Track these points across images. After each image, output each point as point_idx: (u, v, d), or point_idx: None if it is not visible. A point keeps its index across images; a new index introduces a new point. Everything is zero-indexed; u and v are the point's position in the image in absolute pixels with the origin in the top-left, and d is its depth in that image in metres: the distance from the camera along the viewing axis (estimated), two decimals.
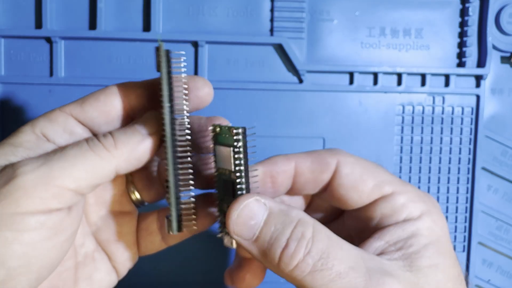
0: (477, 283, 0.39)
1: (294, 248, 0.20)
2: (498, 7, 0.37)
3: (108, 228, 0.26)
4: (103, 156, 0.21)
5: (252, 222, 0.21)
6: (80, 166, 0.21)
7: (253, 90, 0.37)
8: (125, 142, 0.22)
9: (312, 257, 0.20)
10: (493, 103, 0.39)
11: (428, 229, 0.22)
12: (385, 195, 0.23)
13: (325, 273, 0.19)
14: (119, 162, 0.22)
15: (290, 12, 0.37)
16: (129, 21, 0.36)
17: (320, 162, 0.24)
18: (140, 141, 0.22)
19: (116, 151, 0.22)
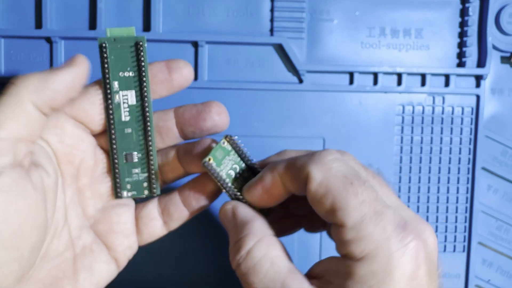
0: (477, 283, 0.39)
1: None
2: (498, 7, 0.37)
3: (106, 220, 0.27)
4: (12, 93, 0.22)
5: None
6: (1, 111, 0.21)
7: (253, 90, 0.37)
8: (36, 75, 0.22)
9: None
10: (493, 103, 0.39)
11: (365, 276, 0.21)
12: (336, 223, 0.22)
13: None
14: (29, 94, 0.22)
15: (290, 12, 0.37)
16: (129, 21, 0.36)
17: (295, 171, 0.25)
18: (53, 73, 0.23)
19: (21, 82, 0.22)
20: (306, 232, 0.30)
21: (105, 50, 0.26)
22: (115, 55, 0.26)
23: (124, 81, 0.26)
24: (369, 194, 0.22)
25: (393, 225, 0.21)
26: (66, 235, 0.25)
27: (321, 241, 0.38)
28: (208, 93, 0.37)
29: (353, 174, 0.23)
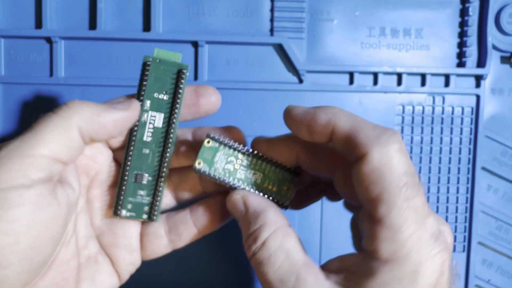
0: (477, 283, 0.39)
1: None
2: (498, 7, 0.37)
3: (112, 233, 0.26)
4: (64, 116, 0.22)
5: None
6: (46, 130, 0.22)
7: (253, 90, 0.37)
8: (90, 106, 0.23)
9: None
10: (493, 103, 0.39)
11: (389, 280, 0.21)
12: (376, 218, 0.22)
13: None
14: (79, 121, 0.22)
15: (290, 12, 0.37)
16: (129, 21, 0.36)
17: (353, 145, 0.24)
18: (106, 109, 0.24)
19: (75, 108, 0.23)
20: (328, 200, 0.29)
21: (147, 68, 0.26)
22: (155, 76, 0.26)
23: (157, 102, 0.26)
24: (419, 200, 0.21)
25: (429, 234, 0.21)
26: (74, 244, 0.25)
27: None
28: None
29: (411, 173, 0.21)
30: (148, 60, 0.26)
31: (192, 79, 0.37)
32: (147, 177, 0.26)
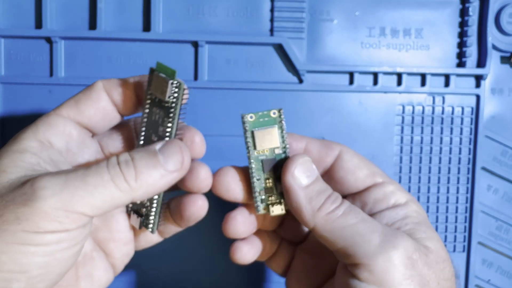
0: (477, 283, 0.39)
1: (333, 199, 0.25)
2: (498, 7, 0.37)
3: (106, 227, 0.27)
4: (122, 189, 0.22)
5: (308, 173, 0.25)
6: (99, 197, 0.21)
7: (253, 90, 0.37)
8: (146, 176, 0.22)
9: (345, 206, 0.25)
10: (493, 103, 0.39)
11: (416, 212, 0.26)
12: (377, 183, 0.27)
13: (353, 216, 0.24)
14: (136, 195, 0.22)
15: (290, 12, 0.37)
16: (129, 21, 0.36)
17: (327, 146, 0.27)
18: (162, 176, 0.23)
19: (136, 185, 0.22)
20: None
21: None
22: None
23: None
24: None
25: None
26: None
27: None
28: (208, 93, 0.37)
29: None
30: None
31: (192, 79, 0.37)
32: None
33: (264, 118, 0.26)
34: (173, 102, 0.24)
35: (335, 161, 0.27)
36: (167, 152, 0.23)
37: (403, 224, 0.25)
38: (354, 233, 0.23)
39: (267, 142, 0.26)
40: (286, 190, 0.25)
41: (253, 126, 0.25)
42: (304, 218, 0.24)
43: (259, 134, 0.26)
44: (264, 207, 0.26)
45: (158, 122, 0.25)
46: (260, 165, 0.26)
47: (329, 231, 0.24)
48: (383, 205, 0.26)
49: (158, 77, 0.24)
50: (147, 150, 0.23)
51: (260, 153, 0.26)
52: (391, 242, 0.23)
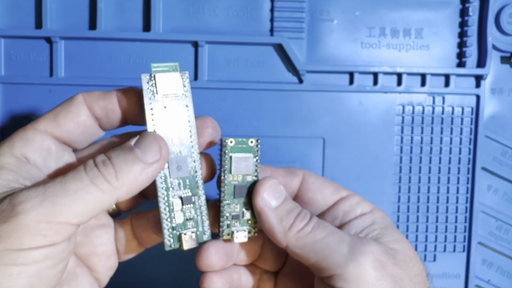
0: (477, 283, 0.39)
1: (303, 217, 0.25)
2: (498, 7, 0.37)
3: (88, 242, 0.26)
4: (104, 189, 0.21)
5: (277, 194, 0.26)
6: (82, 201, 0.21)
7: (253, 90, 0.37)
8: (126, 173, 0.22)
9: (313, 221, 0.25)
10: (493, 103, 0.39)
11: (381, 218, 0.27)
12: (343, 197, 0.28)
13: (322, 230, 0.25)
14: (120, 194, 0.22)
15: (290, 12, 0.37)
16: (129, 21, 0.36)
17: (290, 172, 0.28)
18: (142, 170, 0.22)
19: (118, 183, 0.22)
20: None
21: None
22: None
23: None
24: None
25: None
26: None
27: None
28: (208, 93, 0.37)
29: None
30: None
31: (192, 79, 0.37)
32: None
33: (242, 145, 0.26)
34: (187, 92, 0.25)
35: (301, 184, 0.28)
36: (143, 145, 0.23)
37: (371, 230, 0.26)
38: (324, 246, 0.24)
39: (242, 168, 0.26)
40: (258, 212, 0.25)
41: (231, 151, 0.26)
42: (277, 237, 0.25)
43: (237, 160, 0.26)
44: (228, 232, 0.26)
45: (174, 120, 0.25)
46: (232, 190, 0.26)
47: (301, 248, 0.25)
48: (352, 215, 0.27)
49: (164, 76, 0.24)
50: (123, 147, 0.23)
51: (233, 178, 0.26)
52: (359, 249, 0.24)
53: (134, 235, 0.27)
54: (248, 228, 0.27)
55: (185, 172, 0.25)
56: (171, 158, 0.25)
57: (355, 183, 0.38)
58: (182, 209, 0.25)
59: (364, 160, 0.38)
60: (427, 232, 0.39)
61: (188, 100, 0.25)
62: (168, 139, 0.24)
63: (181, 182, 0.25)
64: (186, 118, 0.25)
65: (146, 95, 0.24)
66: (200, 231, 0.26)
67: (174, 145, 0.25)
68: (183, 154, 0.25)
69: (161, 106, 0.25)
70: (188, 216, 0.25)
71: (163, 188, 0.25)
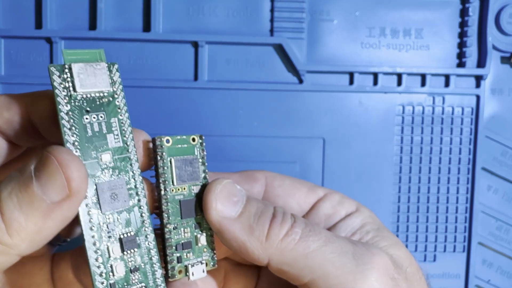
0: (477, 283, 0.39)
1: (281, 218, 0.19)
2: (498, 7, 0.37)
3: (17, 283, 0.21)
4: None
5: (234, 199, 0.20)
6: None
7: (253, 90, 0.37)
8: (22, 224, 0.15)
9: (299, 225, 0.19)
10: (493, 103, 0.39)
11: (371, 217, 0.23)
12: (320, 197, 0.23)
13: (316, 238, 0.19)
14: (21, 250, 0.16)
15: (290, 12, 0.37)
16: (129, 21, 0.36)
17: (248, 177, 0.23)
18: (45, 215, 0.16)
19: (13, 240, 0.15)
20: None
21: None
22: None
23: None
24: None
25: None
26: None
27: None
28: (208, 93, 0.37)
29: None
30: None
31: (192, 79, 0.37)
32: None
33: (183, 144, 0.20)
34: (118, 89, 0.19)
35: (266, 191, 0.23)
36: (44, 174, 0.16)
37: (364, 233, 0.22)
38: (322, 260, 0.19)
39: (187, 176, 0.20)
40: (217, 231, 0.19)
41: (169, 154, 0.19)
42: (254, 255, 0.19)
43: (178, 164, 0.19)
44: (180, 269, 0.19)
45: (102, 129, 0.18)
46: (177, 208, 0.20)
47: (289, 264, 0.19)
48: (336, 217, 0.23)
49: (83, 67, 0.18)
50: (19, 177, 0.16)
51: (177, 191, 0.20)
52: (367, 262, 0.19)
53: (77, 278, 0.21)
54: (206, 258, 0.20)
55: (124, 202, 0.18)
56: (101, 184, 0.18)
57: (355, 183, 0.38)
58: (122, 256, 0.18)
59: (364, 160, 0.38)
60: (427, 232, 0.39)
61: (119, 100, 0.19)
62: (95, 157, 0.18)
63: (119, 217, 0.18)
64: (118, 126, 0.18)
65: (59, 95, 0.17)
66: (150, 287, 0.18)
67: (104, 165, 0.18)
68: (118, 177, 0.18)
69: (82, 110, 0.18)
70: (131, 265, 0.18)
71: (93, 228, 0.17)
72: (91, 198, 0.17)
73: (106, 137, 0.18)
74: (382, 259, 0.19)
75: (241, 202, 0.20)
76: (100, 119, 0.18)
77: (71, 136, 0.17)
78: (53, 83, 0.17)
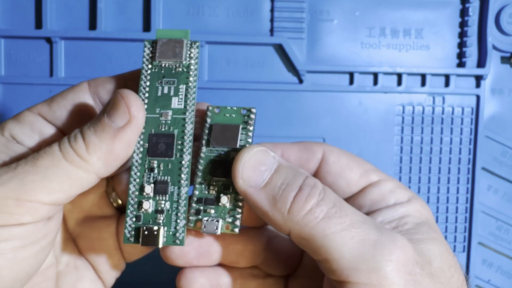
0: (477, 283, 0.39)
1: (308, 192, 0.19)
2: (498, 7, 0.37)
3: (88, 235, 0.24)
4: (78, 165, 0.19)
5: (262, 168, 0.20)
6: (54, 178, 0.19)
7: (253, 90, 0.37)
8: (97, 144, 0.19)
9: (326, 203, 0.19)
10: (493, 103, 0.39)
11: (418, 211, 0.22)
12: (372, 182, 0.23)
13: (339, 221, 0.19)
14: (97, 168, 0.19)
15: (290, 12, 0.37)
16: (129, 21, 0.36)
17: (307, 150, 0.23)
18: (112, 137, 0.19)
19: (90, 157, 0.19)
20: None
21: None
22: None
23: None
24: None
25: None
26: (51, 251, 0.22)
27: None
28: (208, 93, 0.37)
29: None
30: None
31: None
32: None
33: (232, 114, 0.22)
34: (192, 64, 0.22)
35: (320, 165, 0.23)
36: (110, 107, 0.20)
37: (401, 223, 0.21)
38: (339, 244, 0.18)
39: (226, 140, 0.21)
40: (244, 198, 0.21)
41: (216, 120, 0.22)
42: (276, 224, 0.20)
43: (218, 129, 0.21)
44: (198, 221, 0.21)
45: (171, 94, 0.21)
46: (208, 166, 0.21)
47: (307, 239, 0.19)
48: (382, 204, 0.22)
49: (167, 41, 0.22)
50: (97, 116, 0.20)
51: (213, 152, 0.21)
52: (385, 252, 0.18)
53: None
54: (226, 221, 0.21)
55: (169, 154, 0.21)
56: (154, 134, 0.21)
57: None
58: (154, 198, 0.21)
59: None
60: None
61: (191, 73, 0.22)
62: (158, 113, 0.21)
63: (162, 165, 0.21)
64: (184, 92, 0.21)
65: (144, 62, 0.22)
66: (171, 231, 0.21)
67: (163, 121, 0.21)
68: (171, 132, 0.21)
69: (158, 76, 0.21)
70: (159, 207, 0.21)
71: (138, 167, 0.21)
72: (144, 144, 0.21)
73: (171, 99, 0.21)
74: (404, 252, 0.19)
75: (269, 171, 0.20)
76: (171, 84, 0.21)
77: (144, 94, 0.21)
78: (143, 54, 0.22)
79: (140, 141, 0.21)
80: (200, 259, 0.23)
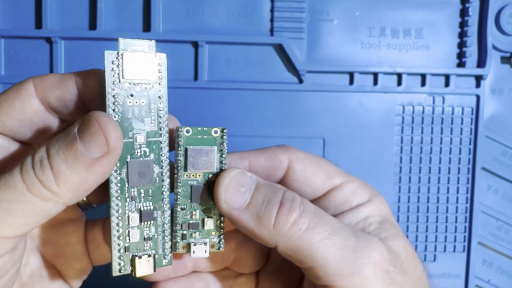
0: (477, 283, 0.39)
1: (289, 206, 0.21)
2: (498, 7, 0.37)
3: (55, 241, 0.23)
4: (45, 198, 0.18)
5: (242, 189, 0.21)
6: (19, 213, 0.17)
7: (253, 90, 0.37)
8: (68, 176, 0.18)
9: (307, 214, 0.21)
10: (493, 103, 0.39)
11: (379, 209, 0.24)
12: (335, 186, 0.24)
13: (321, 230, 0.20)
14: (67, 199, 0.18)
15: (290, 12, 0.37)
16: (129, 21, 0.36)
17: (272, 159, 0.24)
18: (88, 168, 0.18)
19: (60, 189, 0.18)
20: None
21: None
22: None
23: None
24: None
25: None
26: None
27: None
28: (208, 93, 0.37)
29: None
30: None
31: (192, 79, 0.37)
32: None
33: (203, 135, 0.21)
34: (162, 80, 0.20)
35: (286, 173, 0.24)
36: (86, 133, 0.18)
37: (367, 224, 0.23)
38: (324, 252, 0.20)
39: (202, 164, 0.21)
40: (229, 219, 0.21)
41: (188, 143, 0.21)
42: (262, 240, 0.21)
43: (193, 153, 0.21)
44: (184, 245, 0.22)
45: (142, 114, 0.20)
46: (187, 191, 0.22)
47: (294, 250, 0.20)
48: (345, 207, 0.24)
49: (134, 56, 0.20)
50: (65, 137, 0.18)
51: (190, 177, 0.21)
52: (364, 256, 0.20)
53: (106, 240, 0.24)
54: (211, 241, 0.22)
55: (148, 180, 0.20)
56: (132, 162, 0.20)
57: None
58: (140, 225, 0.21)
59: (364, 160, 0.38)
60: (427, 232, 0.39)
61: (162, 90, 0.20)
62: (131, 137, 0.20)
63: (142, 192, 0.21)
64: (156, 113, 0.20)
65: (108, 78, 0.19)
66: (159, 254, 0.21)
67: (138, 145, 0.20)
68: (149, 157, 0.20)
69: (127, 94, 0.20)
70: (146, 235, 0.21)
71: (118, 197, 0.20)
72: (122, 172, 0.20)
73: (143, 120, 0.20)
74: (379, 254, 0.21)
75: (249, 191, 0.21)
76: (142, 104, 0.20)
77: (113, 117, 0.19)
78: (105, 67, 0.20)
79: (117, 170, 0.20)
80: (177, 271, 0.23)
